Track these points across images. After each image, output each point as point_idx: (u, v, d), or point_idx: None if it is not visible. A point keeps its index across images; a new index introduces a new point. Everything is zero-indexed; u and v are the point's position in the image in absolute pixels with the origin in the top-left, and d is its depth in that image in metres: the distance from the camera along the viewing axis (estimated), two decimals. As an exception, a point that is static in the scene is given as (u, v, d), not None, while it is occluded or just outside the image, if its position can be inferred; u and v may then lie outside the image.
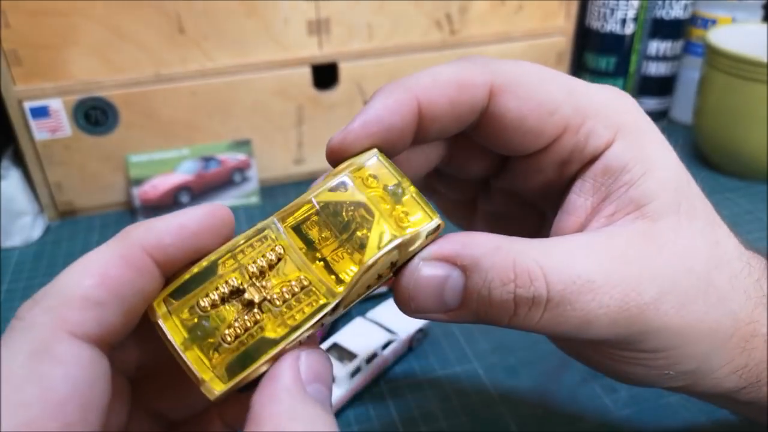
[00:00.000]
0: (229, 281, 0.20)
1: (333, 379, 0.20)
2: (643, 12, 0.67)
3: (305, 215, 0.21)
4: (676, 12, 0.69)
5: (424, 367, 0.43)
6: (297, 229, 0.21)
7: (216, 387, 0.19)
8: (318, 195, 0.21)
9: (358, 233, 0.21)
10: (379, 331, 0.43)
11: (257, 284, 0.20)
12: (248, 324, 0.19)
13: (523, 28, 0.67)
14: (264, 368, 0.19)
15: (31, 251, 0.57)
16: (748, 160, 0.62)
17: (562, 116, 0.23)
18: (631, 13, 0.67)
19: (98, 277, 0.19)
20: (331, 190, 0.21)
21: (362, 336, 0.42)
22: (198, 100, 0.59)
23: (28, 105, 0.55)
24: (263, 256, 0.20)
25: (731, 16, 0.70)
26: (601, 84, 0.25)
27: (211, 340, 0.19)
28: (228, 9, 0.57)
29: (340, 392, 0.39)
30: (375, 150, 0.22)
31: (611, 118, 0.24)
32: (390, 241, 0.20)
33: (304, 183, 0.65)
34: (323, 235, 0.21)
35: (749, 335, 0.24)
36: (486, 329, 0.45)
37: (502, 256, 0.21)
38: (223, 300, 0.20)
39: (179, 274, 0.20)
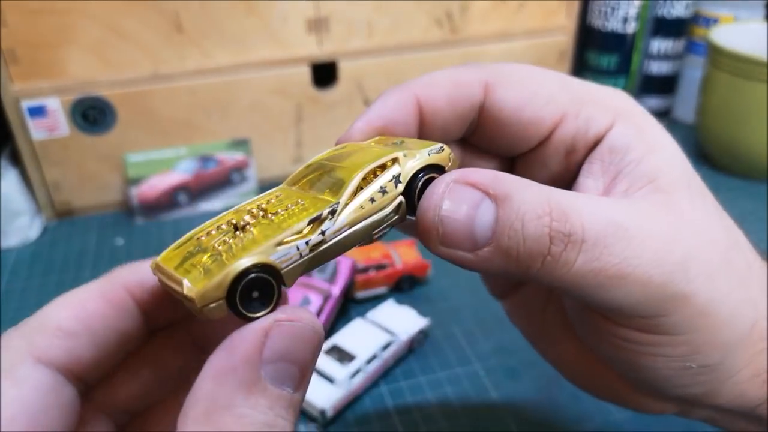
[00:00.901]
0: (228, 220, 0.19)
1: (313, 356, 0.18)
2: (644, 10, 0.67)
3: (300, 173, 0.22)
4: (678, 11, 0.68)
5: (425, 369, 0.42)
6: (294, 182, 0.22)
7: (198, 285, 0.17)
8: (318, 157, 0.22)
9: (347, 165, 0.21)
10: (379, 332, 0.42)
11: (254, 216, 0.19)
12: (241, 238, 0.18)
13: (525, 26, 0.67)
14: (246, 263, 0.17)
15: (29, 251, 0.56)
16: (750, 159, 0.62)
17: (559, 104, 0.24)
18: (632, 12, 0.66)
19: (74, 310, 0.19)
20: (331, 150, 0.23)
21: (362, 337, 0.42)
22: (196, 99, 0.59)
23: (25, 104, 0.55)
24: (266, 201, 0.20)
25: (733, 14, 0.70)
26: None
27: (202, 255, 0.18)
28: (227, 7, 0.56)
29: (340, 393, 0.38)
30: (380, 136, 0.24)
31: (608, 103, 0.24)
32: (386, 154, 0.20)
33: (303, 182, 0.65)
34: (327, 181, 0.21)
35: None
36: (487, 330, 0.45)
37: (537, 190, 0.20)
38: (219, 231, 0.19)
39: (185, 236, 0.20)
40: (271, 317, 0.17)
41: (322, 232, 0.19)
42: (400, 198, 0.20)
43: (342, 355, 0.40)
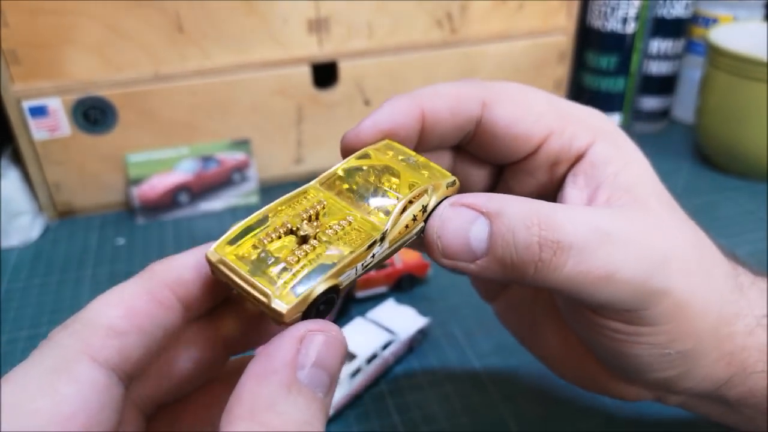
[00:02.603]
0: (285, 223, 0.22)
1: (340, 364, 0.20)
2: (644, 11, 0.67)
3: (337, 180, 0.24)
4: (678, 11, 0.68)
5: (425, 368, 0.43)
6: (332, 188, 0.24)
7: (286, 301, 0.19)
8: (346, 163, 0.25)
9: (387, 188, 0.23)
10: (379, 331, 0.42)
11: (309, 225, 0.22)
12: (307, 251, 0.21)
13: (524, 26, 0.67)
14: (323, 287, 0.20)
15: (30, 251, 0.57)
16: (750, 159, 0.62)
17: (546, 122, 0.27)
18: (632, 12, 0.67)
19: (123, 309, 0.20)
20: (358, 158, 0.25)
21: (362, 336, 0.42)
22: (197, 100, 0.59)
23: (26, 104, 0.55)
24: (311, 206, 0.23)
25: (732, 14, 0.70)
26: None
27: (272, 267, 0.20)
28: (227, 8, 0.56)
29: (340, 393, 0.38)
30: (386, 140, 0.26)
31: (589, 123, 0.27)
32: (420, 185, 0.23)
33: (303, 183, 0.65)
34: (357, 193, 0.23)
35: (731, 316, 0.26)
36: (487, 329, 0.45)
37: (526, 204, 0.23)
38: (280, 237, 0.21)
39: (237, 227, 0.22)
40: (303, 327, 0.19)
41: (373, 255, 0.22)
42: (423, 224, 0.24)
43: (342, 355, 0.40)
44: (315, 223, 0.22)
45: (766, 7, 0.70)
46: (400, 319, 0.44)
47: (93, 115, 0.57)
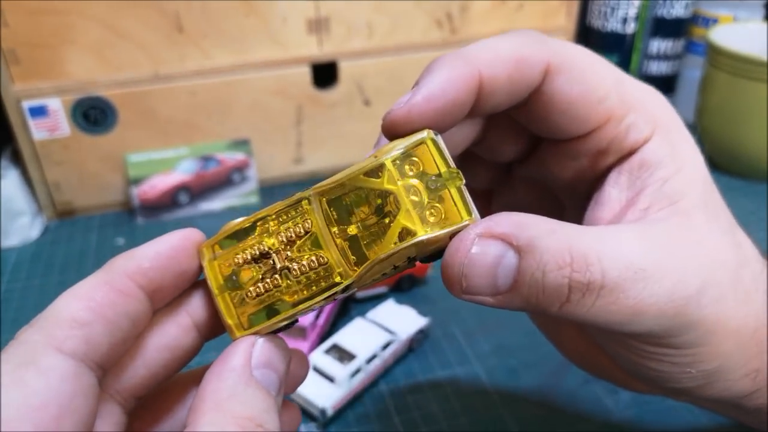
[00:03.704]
0: (261, 245, 0.22)
1: (286, 369, 0.22)
2: (644, 11, 0.67)
3: (339, 194, 0.21)
4: (678, 11, 0.68)
5: (425, 368, 0.43)
6: (330, 204, 0.22)
7: (237, 332, 0.22)
8: (352, 178, 0.21)
9: (386, 220, 0.21)
10: (379, 331, 0.42)
11: (283, 252, 0.22)
12: (269, 286, 0.22)
13: (524, 26, 0.66)
14: (277, 326, 0.22)
15: (30, 251, 0.56)
16: (750, 160, 0.62)
17: (609, 105, 0.24)
18: (632, 12, 0.67)
19: (84, 301, 0.21)
20: (366, 174, 0.21)
21: (362, 336, 0.42)
22: (197, 100, 0.59)
23: (26, 104, 0.55)
24: (295, 225, 0.22)
25: (732, 14, 0.70)
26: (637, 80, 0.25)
27: (238, 292, 0.22)
28: (227, 8, 0.56)
29: (340, 393, 0.38)
30: (426, 133, 0.21)
31: (651, 113, 0.24)
32: (409, 238, 0.20)
33: (303, 183, 0.65)
34: (353, 215, 0.21)
35: (765, 335, 0.24)
36: (487, 329, 0.45)
37: (558, 239, 0.20)
38: (254, 260, 0.22)
39: (228, 228, 0.23)
40: (253, 337, 0.22)
41: (334, 299, 0.22)
42: (406, 261, 0.22)
43: (342, 355, 0.40)
44: (288, 253, 0.22)
45: (766, 7, 0.70)
46: (400, 320, 0.44)
47: (93, 115, 0.57)
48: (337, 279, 0.21)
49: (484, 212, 0.24)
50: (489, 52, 0.22)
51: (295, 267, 0.22)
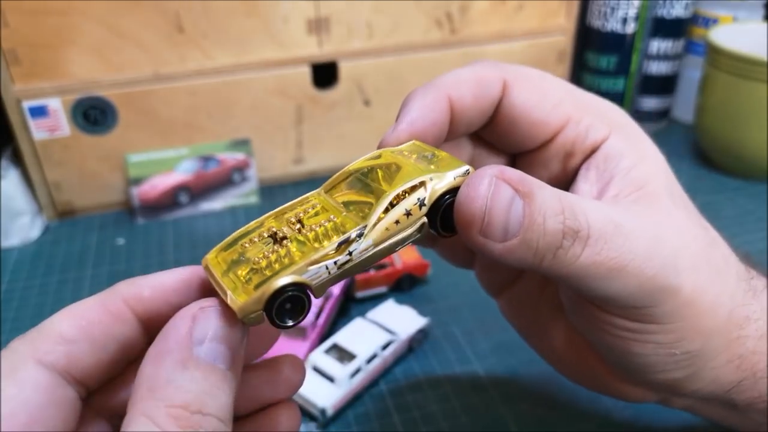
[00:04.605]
0: (270, 227, 0.22)
1: (240, 337, 0.20)
2: (644, 11, 0.67)
3: (343, 179, 0.24)
4: (678, 11, 0.69)
5: (425, 368, 0.43)
6: (336, 190, 0.23)
7: (241, 298, 0.20)
8: (355, 164, 0.24)
9: (376, 186, 0.22)
10: (379, 331, 0.42)
11: (292, 227, 0.22)
12: (279, 253, 0.21)
13: (524, 27, 0.67)
14: (282, 282, 0.20)
15: (30, 251, 0.57)
16: (749, 159, 0.62)
17: (564, 109, 0.26)
18: (632, 12, 0.67)
19: (75, 319, 0.21)
20: (369, 159, 0.24)
21: (362, 336, 0.42)
22: (197, 100, 0.59)
23: (26, 104, 0.55)
24: (303, 208, 0.23)
25: (732, 15, 0.70)
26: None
27: (245, 267, 0.21)
28: (227, 8, 0.56)
29: (340, 393, 0.38)
30: (413, 141, 0.25)
31: (606, 115, 0.27)
32: (414, 177, 0.22)
33: (303, 183, 0.65)
34: (359, 196, 0.23)
35: (742, 319, 0.26)
36: (487, 329, 0.45)
37: (551, 191, 0.22)
38: (261, 239, 0.22)
39: (232, 235, 0.22)
40: (196, 305, 0.20)
41: (350, 253, 0.21)
42: (424, 219, 0.22)
43: (342, 355, 0.40)
44: (298, 226, 0.22)
45: (766, 7, 0.70)
46: (400, 319, 0.44)
47: (93, 115, 0.57)
48: (350, 227, 0.21)
49: None
50: (453, 77, 0.26)
51: (305, 231, 0.21)
